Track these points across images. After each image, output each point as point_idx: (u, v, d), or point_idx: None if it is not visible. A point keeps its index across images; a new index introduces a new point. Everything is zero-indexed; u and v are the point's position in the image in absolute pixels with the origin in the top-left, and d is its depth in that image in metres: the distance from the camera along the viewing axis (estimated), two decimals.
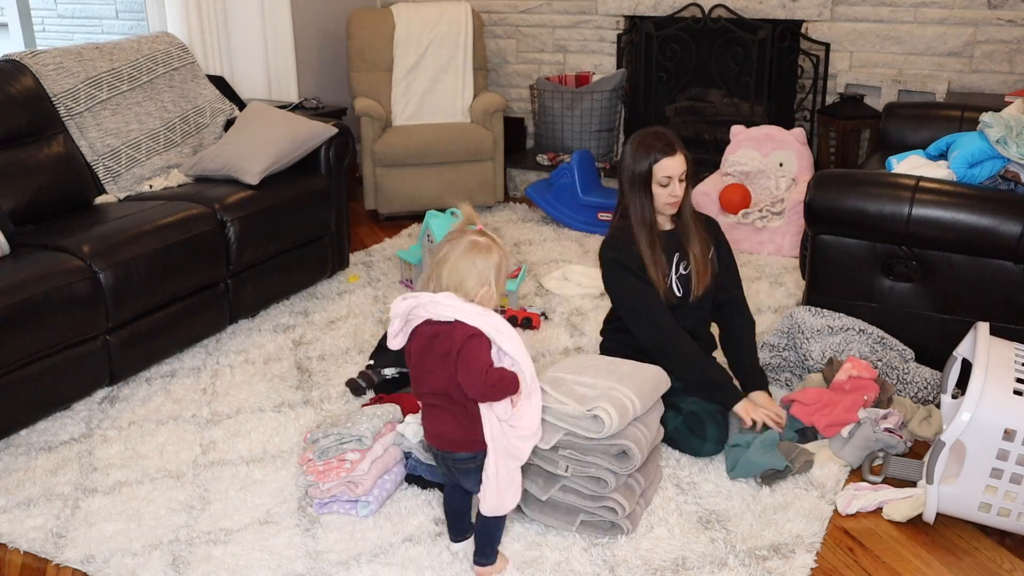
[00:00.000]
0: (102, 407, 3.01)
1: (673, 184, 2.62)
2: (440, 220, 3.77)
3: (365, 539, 2.32)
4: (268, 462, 2.68)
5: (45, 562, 2.29)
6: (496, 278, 2.00)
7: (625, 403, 2.27)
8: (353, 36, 5.02)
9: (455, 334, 1.94)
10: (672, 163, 2.60)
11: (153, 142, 3.84)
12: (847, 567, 2.22)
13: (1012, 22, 4.38)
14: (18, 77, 3.49)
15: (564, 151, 5.23)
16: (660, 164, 2.60)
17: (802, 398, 2.73)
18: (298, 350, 3.40)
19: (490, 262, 1.99)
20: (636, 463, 2.26)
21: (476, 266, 1.97)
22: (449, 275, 1.98)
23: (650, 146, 2.60)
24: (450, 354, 1.94)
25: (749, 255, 4.19)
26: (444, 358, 1.96)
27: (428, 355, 2.00)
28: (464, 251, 1.98)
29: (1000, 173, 2.88)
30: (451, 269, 1.98)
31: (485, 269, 1.98)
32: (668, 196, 2.64)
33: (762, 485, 2.49)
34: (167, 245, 3.18)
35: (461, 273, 1.97)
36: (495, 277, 2.00)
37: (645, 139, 2.63)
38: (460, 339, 1.93)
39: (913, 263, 2.89)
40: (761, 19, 4.87)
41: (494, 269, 1.99)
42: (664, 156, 2.59)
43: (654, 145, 2.60)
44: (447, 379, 1.98)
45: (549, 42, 5.57)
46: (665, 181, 2.61)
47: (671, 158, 2.60)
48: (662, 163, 2.59)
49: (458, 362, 1.93)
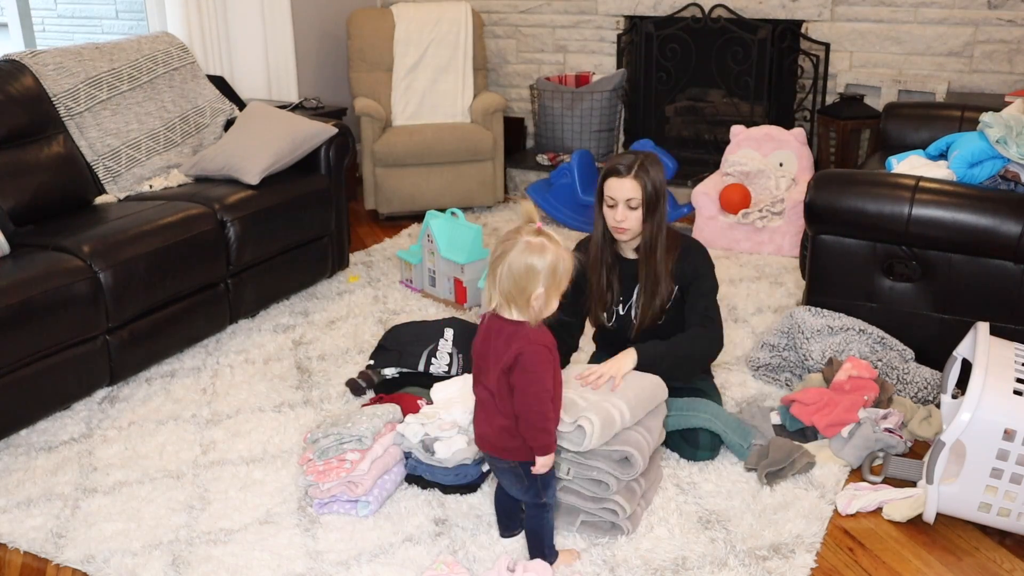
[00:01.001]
0: (102, 407, 3.01)
1: (619, 208, 2.53)
2: (440, 220, 3.77)
3: (365, 539, 2.32)
4: (268, 462, 2.68)
5: (45, 562, 2.30)
6: (549, 281, 1.91)
7: (612, 414, 2.24)
8: (353, 36, 5.03)
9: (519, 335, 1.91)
10: (617, 185, 2.51)
11: (153, 142, 3.84)
12: (847, 567, 2.22)
13: (1012, 22, 4.38)
14: (18, 77, 3.49)
15: (564, 151, 5.24)
16: (607, 182, 2.54)
17: (802, 398, 2.73)
18: (298, 350, 3.40)
19: (544, 262, 1.90)
20: (638, 470, 2.25)
21: (530, 267, 1.90)
22: (504, 276, 1.91)
23: (614, 162, 2.55)
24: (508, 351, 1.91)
25: (749, 255, 4.19)
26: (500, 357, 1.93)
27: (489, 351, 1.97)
28: (519, 251, 1.91)
29: (1000, 173, 2.88)
30: (506, 270, 1.91)
31: (539, 270, 1.90)
32: (611, 219, 2.56)
33: (762, 485, 2.49)
34: (167, 245, 3.18)
35: (516, 274, 1.90)
36: (549, 280, 1.91)
37: (619, 155, 2.59)
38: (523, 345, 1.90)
39: (913, 263, 2.89)
40: (761, 19, 4.87)
41: (548, 271, 1.91)
42: (613, 176, 2.52)
43: (617, 162, 2.54)
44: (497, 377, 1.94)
45: (549, 42, 5.57)
46: (611, 202, 2.54)
47: (619, 179, 2.51)
48: (609, 182, 2.54)
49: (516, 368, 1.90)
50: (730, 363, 3.19)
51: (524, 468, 2.04)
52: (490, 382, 1.99)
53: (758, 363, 3.10)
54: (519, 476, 2.06)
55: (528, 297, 1.91)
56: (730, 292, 3.76)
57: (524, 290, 1.91)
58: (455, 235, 3.74)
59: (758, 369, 3.10)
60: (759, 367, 3.10)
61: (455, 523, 2.37)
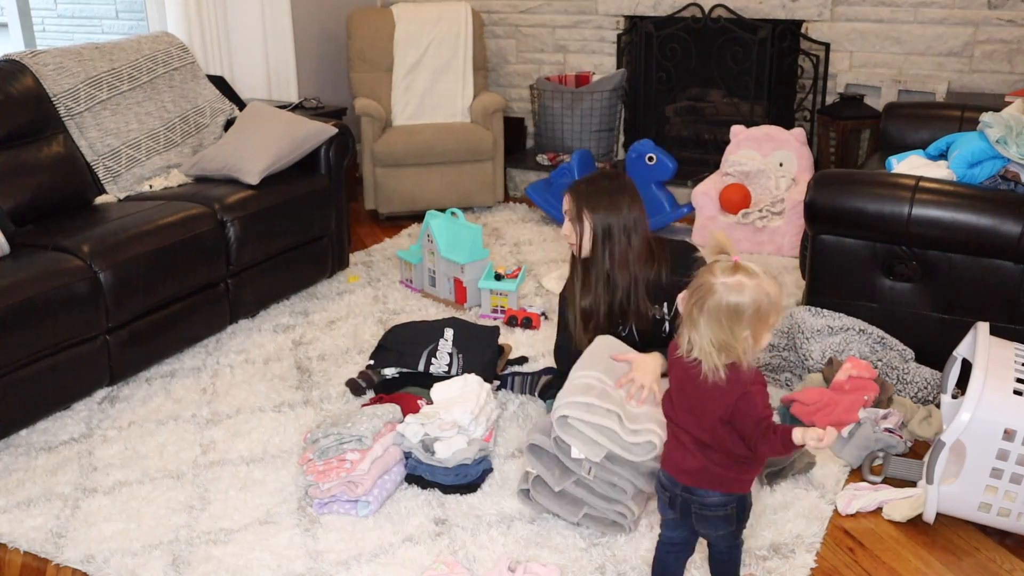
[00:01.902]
0: (102, 407, 3.01)
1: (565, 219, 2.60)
2: (440, 220, 3.77)
3: (365, 539, 2.32)
4: (268, 462, 2.68)
5: (45, 562, 2.30)
6: (755, 321, 1.72)
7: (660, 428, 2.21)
8: (353, 36, 5.02)
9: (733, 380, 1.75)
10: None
11: (153, 142, 3.84)
12: (847, 567, 2.22)
13: (1012, 22, 4.38)
14: (18, 77, 3.49)
15: (564, 151, 5.23)
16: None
17: (802, 398, 2.73)
18: (298, 350, 3.40)
19: (745, 301, 1.71)
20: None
21: (732, 309, 1.71)
22: (704, 323, 1.73)
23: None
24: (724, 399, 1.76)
25: (749, 255, 4.19)
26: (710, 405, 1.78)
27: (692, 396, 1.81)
28: (717, 294, 1.72)
29: (1000, 173, 2.88)
30: (706, 317, 1.73)
31: (742, 312, 1.71)
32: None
33: (762, 485, 2.49)
34: (167, 245, 3.18)
35: (718, 319, 1.72)
36: (754, 321, 1.72)
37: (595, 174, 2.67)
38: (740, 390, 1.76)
39: (913, 263, 2.89)
40: (761, 19, 4.87)
41: (752, 312, 1.71)
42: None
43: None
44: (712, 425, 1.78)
45: (549, 42, 5.57)
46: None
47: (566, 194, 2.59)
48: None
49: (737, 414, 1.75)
50: None
51: (739, 502, 1.86)
52: (695, 427, 1.82)
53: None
54: (727, 516, 1.85)
55: (734, 341, 1.73)
56: None
57: (729, 336, 1.73)
58: (455, 235, 3.74)
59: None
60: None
61: (455, 523, 2.37)
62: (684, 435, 1.84)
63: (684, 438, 1.84)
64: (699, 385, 1.77)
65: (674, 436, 1.88)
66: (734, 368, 1.76)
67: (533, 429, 2.39)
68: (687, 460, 1.84)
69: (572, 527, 2.34)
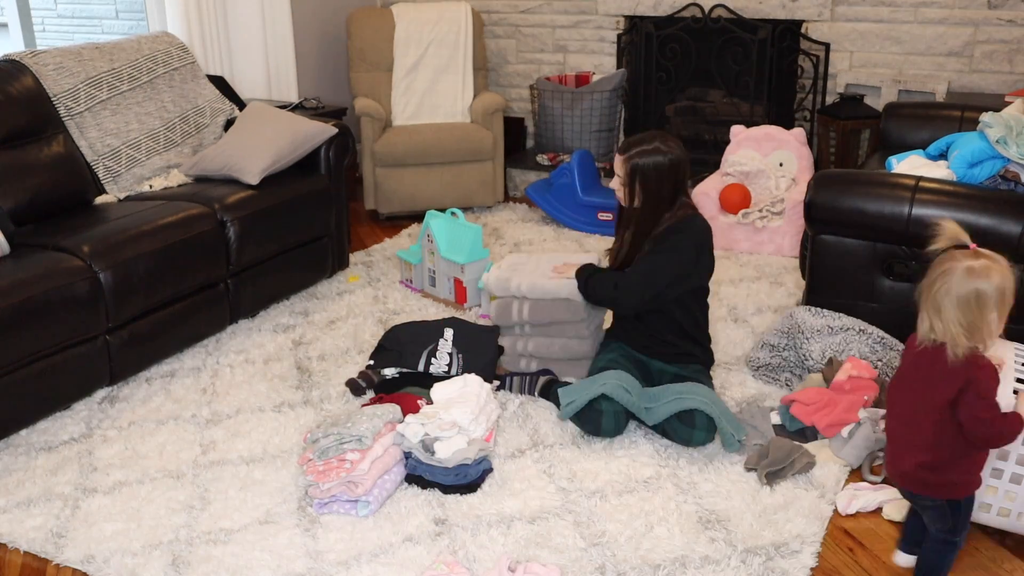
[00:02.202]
0: (102, 407, 3.01)
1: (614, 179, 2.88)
2: (440, 220, 3.77)
3: (365, 539, 2.32)
4: (268, 462, 2.68)
5: (45, 562, 2.30)
6: (1000, 304, 1.81)
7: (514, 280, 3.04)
8: (353, 36, 5.03)
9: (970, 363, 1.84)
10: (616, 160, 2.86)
11: (153, 142, 3.84)
12: (847, 567, 2.22)
13: (1012, 22, 4.38)
14: (18, 77, 3.49)
15: (564, 151, 5.23)
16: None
17: (802, 398, 2.73)
18: (298, 350, 3.40)
19: (991, 286, 1.79)
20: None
21: (980, 294, 1.80)
22: (950, 307, 1.82)
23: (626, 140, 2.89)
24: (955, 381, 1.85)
25: (749, 255, 4.19)
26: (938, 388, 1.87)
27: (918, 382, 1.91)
28: (962, 277, 1.80)
29: (1000, 173, 2.88)
30: (952, 300, 1.81)
31: (989, 296, 1.80)
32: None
33: (762, 485, 2.49)
34: (167, 245, 3.18)
35: (965, 303, 1.80)
36: (999, 304, 1.81)
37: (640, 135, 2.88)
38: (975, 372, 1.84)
39: (913, 263, 2.89)
40: (761, 19, 4.87)
41: (998, 295, 1.80)
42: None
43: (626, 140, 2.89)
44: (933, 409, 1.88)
45: (549, 42, 5.57)
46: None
47: (617, 156, 2.85)
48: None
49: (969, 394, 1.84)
50: (730, 363, 3.19)
51: (952, 506, 1.97)
52: (914, 414, 1.91)
53: (758, 363, 3.10)
54: (942, 513, 1.98)
55: (983, 323, 1.82)
56: (730, 292, 3.76)
57: (976, 319, 1.81)
58: (455, 235, 3.74)
59: (758, 369, 3.10)
60: (759, 367, 3.10)
61: (455, 523, 2.37)
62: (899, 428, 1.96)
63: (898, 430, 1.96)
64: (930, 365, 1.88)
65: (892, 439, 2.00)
66: (975, 352, 1.86)
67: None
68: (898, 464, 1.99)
69: (572, 526, 2.34)
